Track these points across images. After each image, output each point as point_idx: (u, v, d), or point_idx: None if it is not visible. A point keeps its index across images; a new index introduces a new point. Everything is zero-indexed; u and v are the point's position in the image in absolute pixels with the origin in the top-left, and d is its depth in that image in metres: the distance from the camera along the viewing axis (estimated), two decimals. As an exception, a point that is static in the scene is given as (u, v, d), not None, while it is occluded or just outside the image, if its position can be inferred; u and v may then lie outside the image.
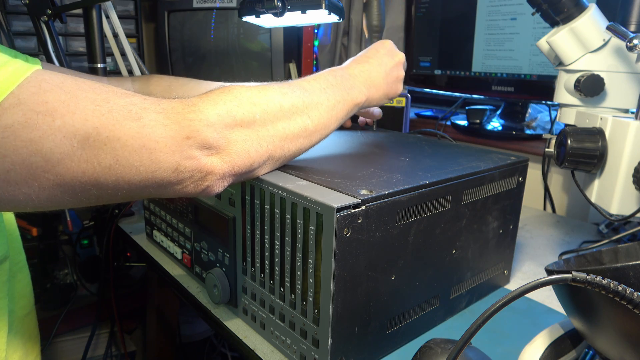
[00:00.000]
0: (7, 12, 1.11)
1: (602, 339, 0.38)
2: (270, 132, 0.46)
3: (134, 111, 0.38)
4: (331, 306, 0.43)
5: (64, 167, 0.36)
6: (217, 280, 0.58)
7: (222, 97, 0.43)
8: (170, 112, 0.39)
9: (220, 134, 0.41)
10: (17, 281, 0.61)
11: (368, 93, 0.59)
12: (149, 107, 0.39)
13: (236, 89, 0.45)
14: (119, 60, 0.99)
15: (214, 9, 1.24)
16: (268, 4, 0.71)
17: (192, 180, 0.41)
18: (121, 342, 1.17)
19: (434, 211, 0.51)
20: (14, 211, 0.38)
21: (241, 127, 0.43)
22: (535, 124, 1.09)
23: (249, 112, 0.44)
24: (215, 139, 0.41)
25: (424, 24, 1.20)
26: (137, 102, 0.38)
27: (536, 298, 0.65)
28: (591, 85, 0.62)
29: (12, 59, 0.35)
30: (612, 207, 0.59)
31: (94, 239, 1.19)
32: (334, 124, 0.53)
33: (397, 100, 1.09)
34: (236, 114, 0.43)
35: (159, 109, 0.39)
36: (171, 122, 0.39)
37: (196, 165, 0.41)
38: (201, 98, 0.42)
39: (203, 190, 0.43)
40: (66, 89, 0.36)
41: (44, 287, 1.15)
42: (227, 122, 0.42)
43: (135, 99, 0.39)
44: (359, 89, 0.57)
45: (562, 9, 0.62)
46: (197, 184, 0.42)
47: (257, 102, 0.45)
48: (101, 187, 0.38)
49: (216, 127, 0.41)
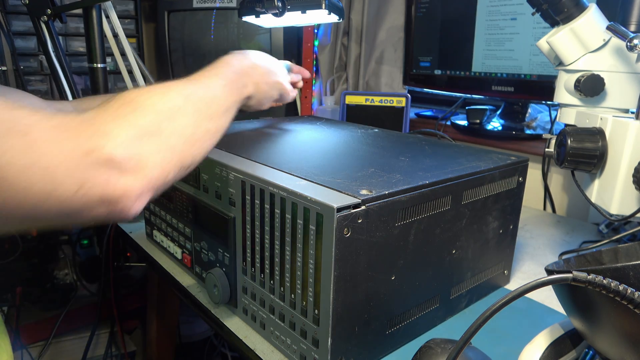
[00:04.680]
0: (7, 12, 1.11)
1: (602, 339, 0.38)
2: (178, 139, 0.42)
3: (19, 127, 0.33)
4: (331, 306, 0.43)
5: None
6: (217, 280, 0.58)
7: (123, 108, 0.39)
8: (63, 128, 0.35)
9: (127, 148, 0.37)
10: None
11: (252, 90, 0.60)
12: (38, 122, 0.34)
13: (138, 97, 0.41)
14: (119, 60, 0.99)
15: (214, 9, 1.24)
16: (268, 4, 0.71)
17: (103, 203, 0.37)
18: (121, 342, 1.17)
19: (434, 211, 0.52)
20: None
21: (146, 137, 0.39)
22: (535, 124, 1.09)
23: (154, 122, 0.40)
24: (122, 155, 0.37)
25: (424, 24, 1.20)
26: (24, 116, 0.34)
27: (536, 298, 0.65)
28: (591, 85, 0.62)
29: None
30: (612, 207, 0.59)
31: (94, 239, 1.19)
32: (230, 119, 0.52)
33: (397, 100, 1.09)
34: (142, 124, 0.39)
35: (50, 124, 0.35)
36: (65, 137, 0.35)
37: (104, 186, 0.36)
38: (99, 111, 0.39)
39: (118, 214, 0.38)
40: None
41: (44, 287, 1.15)
42: (130, 135, 0.38)
43: (23, 112, 0.34)
44: (249, 89, 0.59)
45: (562, 9, 0.62)
46: (110, 207, 0.37)
47: (161, 109, 0.41)
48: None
49: (119, 139, 0.37)
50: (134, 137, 0.38)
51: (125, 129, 0.38)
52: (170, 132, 0.41)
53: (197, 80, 0.49)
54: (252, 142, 0.67)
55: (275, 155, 0.59)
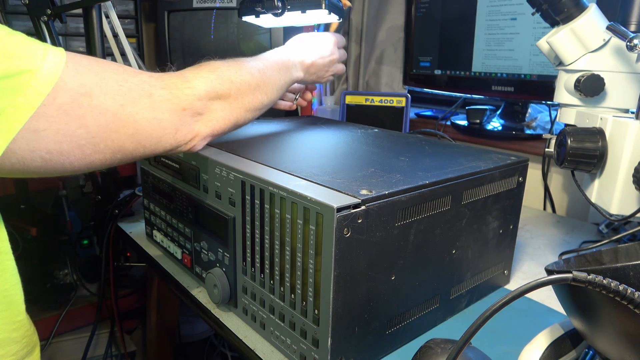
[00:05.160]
0: (7, 12, 1.10)
1: (602, 339, 0.38)
2: (240, 104, 0.57)
3: (146, 89, 0.47)
4: (331, 306, 0.43)
5: (99, 138, 0.43)
6: (217, 280, 0.58)
7: (209, 75, 0.53)
8: (172, 88, 0.49)
9: (206, 104, 0.52)
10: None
11: (303, 75, 0.73)
12: (155, 84, 0.48)
13: (219, 68, 0.55)
14: (119, 60, 0.99)
15: (214, 9, 1.24)
16: (268, 4, 0.71)
17: (184, 141, 0.51)
18: (121, 342, 1.17)
19: (434, 211, 0.51)
20: (61, 175, 0.45)
21: (220, 99, 0.54)
22: (535, 124, 1.09)
23: (227, 88, 0.55)
24: (202, 109, 0.52)
25: (424, 24, 1.19)
26: (146, 80, 0.47)
27: (536, 298, 0.65)
28: (591, 85, 0.62)
29: (47, 45, 0.40)
30: (612, 207, 0.59)
31: (94, 239, 1.19)
32: (278, 97, 0.66)
33: (397, 100, 1.09)
34: (218, 90, 0.53)
35: (163, 84, 0.49)
36: (173, 96, 0.49)
37: (189, 130, 0.51)
38: (193, 74, 0.52)
39: (190, 149, 0.53)
40: (95, 71, 0.43)
41: (44, 287, 1.15)
42: (211, 96, 0.53)
43: (144, 77, 0.47)
44: (298, 71, 0.71)
45: (562, 9, 0.62)
46: (187, 144, 0.52)
47: (234, 80, 0.56)
48: (125, 152, 0.46)
49: (204, 99, 0.52)
50: (211, 98, 0.53)
51: (208, 92, 0.52)
52: (235, 98, 0.56)
53: (262, 61, 0.63)
54: (252, 142, 0.67)
55: (275, 155, 0.59)
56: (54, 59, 0.39)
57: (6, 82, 0.36)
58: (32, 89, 0.38)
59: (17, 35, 0.38)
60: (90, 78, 0.42)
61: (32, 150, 0.39)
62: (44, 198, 1.18)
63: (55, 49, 0.40)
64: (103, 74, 0.43)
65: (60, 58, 0.40)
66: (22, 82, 0.37)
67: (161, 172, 0.70)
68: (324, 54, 0.77)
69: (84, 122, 0.42)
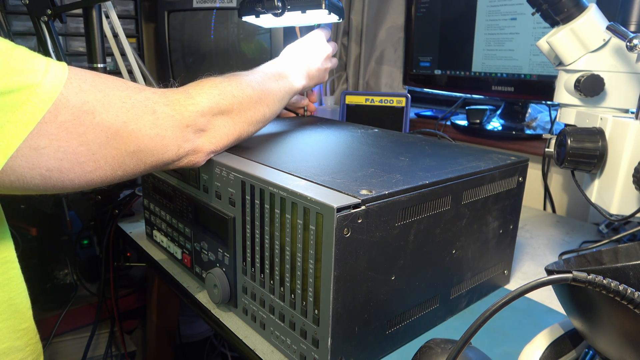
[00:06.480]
0: (7, 12, 1.10)
1: (602, 339, 0.38)
2: (242, 118, 0.57)
3: (149, 105, 0.47)
4: (331, 306, 0.43)
5: (100, 155, 0.43)
6: (217, 280, 0.58)
7: (212, 91, 0.53)
8: (175, 104, 0.49)
9: (209, 120, 0.52)
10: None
11: (305, 82, 0.73)
12: (159, 101, 0.48)
13: (221, 84, 0.55)
14: (119, 60, 0.99)
15: (214, 9, 1.24)
16: (268, 4, 0.71)
17: (187, 157, 0.52)
18: (121, 342, 1.17)
19: (434, 211, 0.51)
20: (61, 192, 0.44)
21: (223, 115, 0.54)
22: (535, 124, 1.09)
23: (230, 103, 0.55)
24: (205, 125, 0.52)
25: (424, 24, 1.19)
26: (150, 97, 0.47)
27: (536, 298, 0.65)
28: (591, 85, 0.62)
29: (50, 60, 0.40)
30: (612, 207, 0.59)
31: (94, 239, 1.19)
32: (280, 109, 0.67)
33: (397, 100, 1.09)
34: (221, 105, 0.53)
35: (167, 101, 0.49)
36: (176, 113, 0.49)
37: (191, 146, 0.52)
38: (196, 90, 0.52)
39: (192, 165, 0.54)
40: (99, 88, 0.43)
41: (44, 287, 1.15)
42: (214, 112, 0.53)
43: (148, 93, 0.47)
44: (299, 79, 0.71)
45: (562, 9, 0.62)
46: (190, 160, 0.53)
47: (236, 95, 0.56)
48: (126, 169, 0.46)
49: (207, 115, 0.52)
50: (214, 113, 0.53)
51: (211, 108, 0.52)
52: (238, 112, 0.56)
53: (261, 75, 0.63)
54: (252, 142, 0.67)
55: (275, 155, 0.59)
56: (55, 75, 0.39)
57: (6, 97, 0.36)
58: (31, 104, 0.37)
59: (20, 49, 0.38)
60: (94, 95, 0.42)
61: (32, 167, 0.39)
62: (44, 198, 1.17)
63: (58, 64, 0.40)
64: (106, 90, 0.43)
65: (62, 73, 0.39)
66: (21, 98, 0.37)
67: (161, 172, 0.70)
68: (319, 55, 0.77)
69: (85, 139, 0.41)
